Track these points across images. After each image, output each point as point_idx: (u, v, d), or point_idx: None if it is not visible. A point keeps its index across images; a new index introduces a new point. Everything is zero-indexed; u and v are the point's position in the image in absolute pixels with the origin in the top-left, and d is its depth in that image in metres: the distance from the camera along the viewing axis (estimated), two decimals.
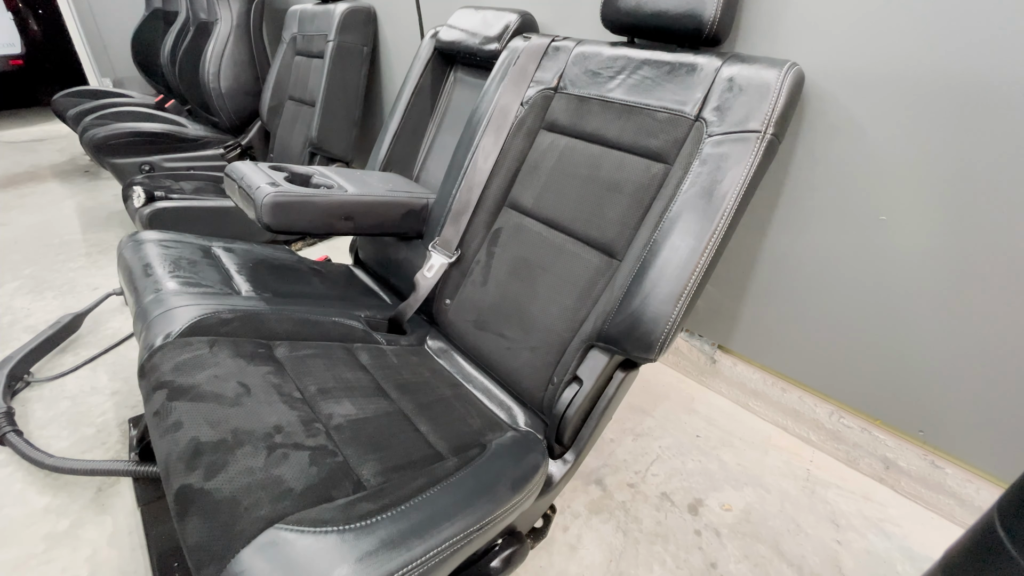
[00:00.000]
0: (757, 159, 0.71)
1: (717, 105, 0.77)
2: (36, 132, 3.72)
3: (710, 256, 0.71)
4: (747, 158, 0.72)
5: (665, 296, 0.72)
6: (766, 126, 0.72)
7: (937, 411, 0.96)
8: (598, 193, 0.86)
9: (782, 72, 0.73)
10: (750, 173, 0.71)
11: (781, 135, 0.74)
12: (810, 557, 0.91)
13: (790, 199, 1.02)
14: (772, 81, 0.73)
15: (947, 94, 0.79)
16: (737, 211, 0.72)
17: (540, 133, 0.98)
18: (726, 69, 0.77)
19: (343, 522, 0.45)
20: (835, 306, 1.02)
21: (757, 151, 0.71)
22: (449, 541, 0.49)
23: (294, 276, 1.08)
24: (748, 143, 0.72)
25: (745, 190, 0.71)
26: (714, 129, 0.76)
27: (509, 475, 0.63)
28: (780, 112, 0.72)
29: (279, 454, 0.55)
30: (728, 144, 0.74)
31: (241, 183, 0.93)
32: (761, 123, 0.72)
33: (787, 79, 0.73)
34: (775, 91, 0.72)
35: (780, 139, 0.74)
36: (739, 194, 0.71)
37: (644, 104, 0.85)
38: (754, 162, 0.71)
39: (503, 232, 0.96)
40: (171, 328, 0.74)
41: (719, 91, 0.77)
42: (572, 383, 0.79)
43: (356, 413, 0.68)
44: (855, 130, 0.90)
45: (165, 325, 0.75)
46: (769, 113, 0.72)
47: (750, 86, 0.74)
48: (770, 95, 0.72)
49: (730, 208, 0.71)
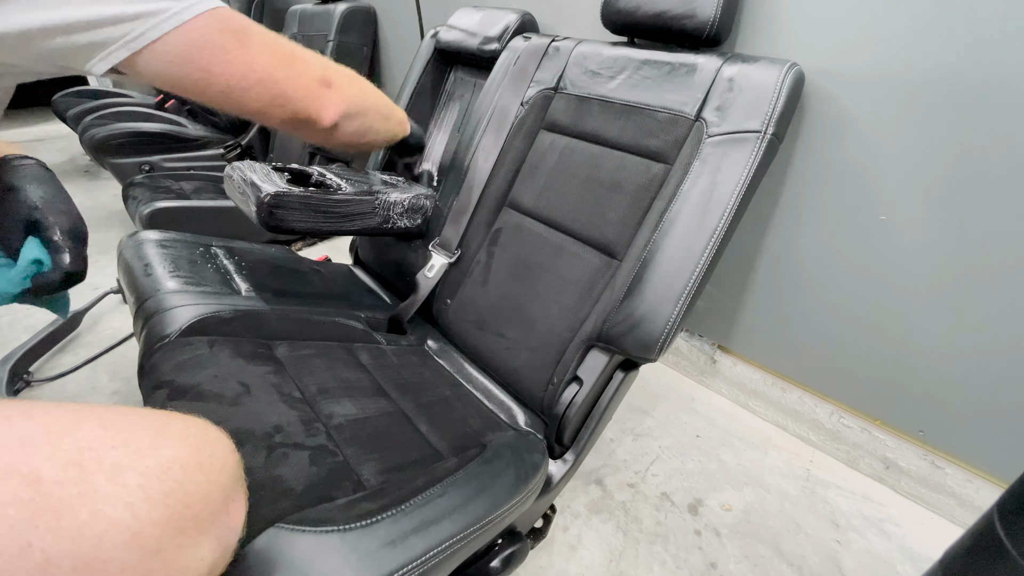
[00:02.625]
0: (757, 159, 0.71)
1: (717, 105, 0.76)
2: (36, 132, 3.72)
3: (710, 256, 0.71)
4: (747, 158, 0.71)
5: (665, 296, 0.72)
6: (766, 126, 0.72)
7: (937, 411, 0.96)
8: (598, 193, 0.86)
9: (782, 72, 0.73)
10: (750, 173, 0.71)
11: (781, 135, 0.74)
12: (810, 557, 0.91)
13: (790, 198, 1.02)
14: (772, 81, 0.73)
15: (949, 93, 0.79)
16: (737, 211, 0.72)
17: (540, 133, 0.98)
18: (726, 69, 0.77)
19: (344, 522, 0.45)
20: (835, 306, 1.02)
21: (757, 151, 0.71)
22: (449, 540, 0.49)
23: (294, 276, 1.08)
24: (748, 143, 0.72)
25: (745, 190, 0.71)
26: (714, 129, 0.76)
27: (509, 475, 0.63)
28: (780, 112, 0.72)
29: (279, 454, 0.55)
30: (728, 144, 0.73)
31: (241, 183, 0.93)
32: (761, 123, 0.72)
33: (787, 79, 0.73)
34: (775, 91, 0.72)
35: (780, 139, 0.74)
36: (739, 194, 0.71)
37: (644, 104, 0.85)
38: (754, 162, 0.71)
39: (503, 232, 0.96)
40: (171, 328, 0.74)
41: (719, 91, 0.77)
42: (572, 383, 0.79)
43: (356, 413, 0.68)
44: (856, 130, 0.90)
45: (165, 325, 0.75)
46: (769, 113, 0.72)
47: (750, 86, 0.74)
48: (770, 95, 0.72)
49: (730, 208, 0.71)
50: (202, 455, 0.38)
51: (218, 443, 0.41)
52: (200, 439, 0.39)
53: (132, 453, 0.35)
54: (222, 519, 0.38)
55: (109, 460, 0.34)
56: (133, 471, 0.34)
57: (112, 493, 0.33)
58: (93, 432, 0.36)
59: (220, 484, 0.38)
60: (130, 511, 0.33)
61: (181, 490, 0.35)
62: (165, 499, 0.34)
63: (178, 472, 0.36)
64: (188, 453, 0.37)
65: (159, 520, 0.33)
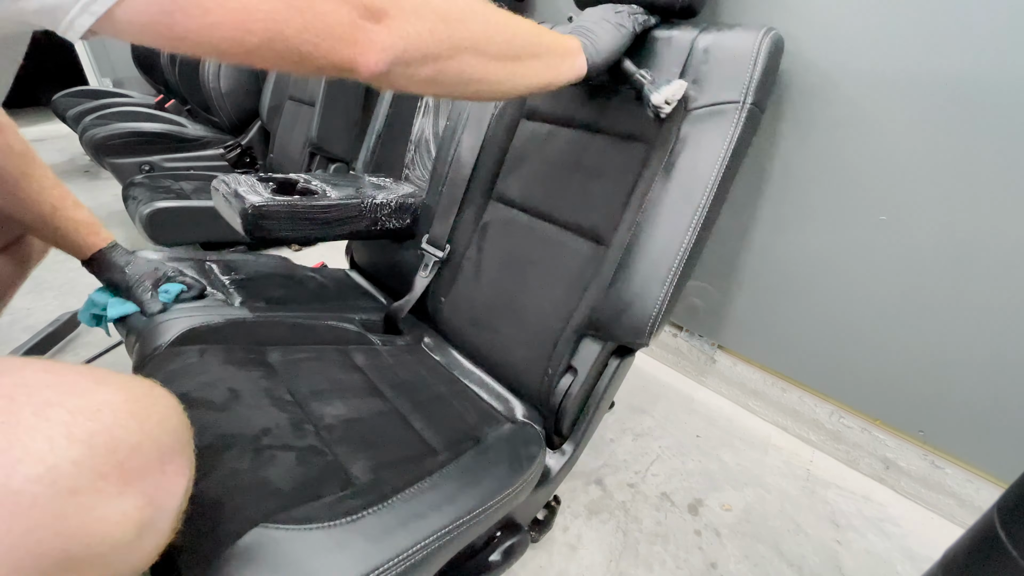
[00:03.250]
0: (737, 131, 0.68)
1: (694, 78, 0.73)
2: (36, 132, 3.74)
3: (694, 233, 0.69)
4: (727, 130, 0.69)
5: (652, 278, 0.70)
6: (745, 95, 0.69)
7: (937, 411, 0.95)
8: (581, 179, 0.84)
9: (759, 37, 0.69)
10: (731, 146, 0.68)
11: (763, 104, 0.71)
12: (810, 557, 0.91)
13: (790, 198, 1.01)
14: (748, 48, 0.69)
15: (950, 91, 0.78)
16: (720, 186, 0.69)
17: (521, 123, 0.96)
18: (701, 39, 0.74)
19: (329, 519, 0.45)
20: (835, 305, 1.02)
21: (737, 122, 0.69)
22: (438, 533, 0.49)
23: (288, 283, 1.08)
24: (727, 115, 0.69)
25: (728, 162, 0.68)
26: (692, 104, 0.73)
27: (501, 466, 0.62)
28: (759, 80, 0.69)
29: (266, 455, 0.55)
30: (707, 118, 0.71)
31: (226, 196, 0.93)
32: (740, 93, 0.69)
33: (764, 44, 0.69)
34: (752, 58, 0.69)
35: (762, 108, 0.71)
36: (721, 168, 0.68)
37: (620, 84, 0.81)
38: (735, 134, 0.68)
39: (491, 226, 0.95)
40: (162, 339, 0.74)
41: (695, 63, 0.74)
42: (567, 373, 0.78)
43: (348, 413, 0.68)
44: (856, 124, 0.89)
45: (156, 336, 0.75)
46: (747, 82, 0.69)
47: (725, 55, 0.71)
48: (747, 63, 0.69)
49: (712, 183, 0.68)
50: (138, 405, 0.37)
51: (161, 399, 0.40)
52: (140, 391, 0.39)
53: (64, 392, 0.35)
54: (154, 476, 0.37)
55: (40, 397, 0.34)
56: (61, 407, 0.34)
57: (34, 425, 0.32)
58: (35, 374, 0.36)
59: (154, 438, 0.37)
60: (48, 444, 0.32)
61: (107, 433, 0.34)
62: (88, 439, 0.33)
63: (107, 416, 0.35)
64: (122, 400, 0.37)
65: (78, 458, 0.33)
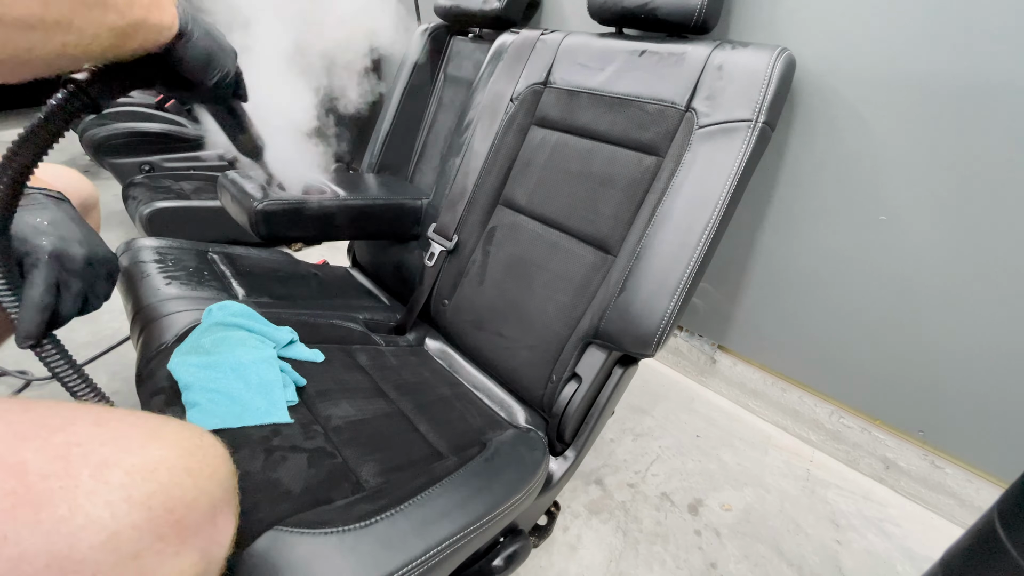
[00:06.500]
0: (749, 148, 0.70)
1: (707, 94, 0.75)
2: None
3: (704, 248, 0.70)
4: (739, 147, 0.70)
5: (660, 291, 0.71)
6: (757, 114, 0.70)
7: (937, 411, 0.96)
8: (591, 188, 0.85)
9: (772, 57, 0.71)
10: (742, 164, 0.70)
11: (773, 122, 0.73)
12: (810, 557, 0.91)
13: (789, 198, 1.02)
14: (762, 67, 0.71)
15: (950, 87, 0.79)
16: (730, 204, 0.70)
17: (531, 129, 0.97)
18: (715, 56, 0.76)
19: (343, 523, 0.45)
20: (835, 306, 1.02)
21: (749, 140, 0.70)
22: (449, 540, 0.49)
23: (292, 279, 1.08)
24: (739, 132, 0.71)
25: (738, 180, 0.70)
26: (705, 119, 0.74)
27: (509, 473, 0.63)
28: (771, 99, 0.70)
29: (277, 457, 0.55)
30: (719, 134, 0.72)
31: (234, 193, 0.93)
32: (752, 111, 0.70)
33: (778, 64, 0.71)
34: (765, 77, 0.70)
35: (772, 127, 0.73)
36: (731, 186, 0.70)
37: (634, 96, 0.83)
38: (746, 151, 0.70)
39: (498, 231, 0.96)
40: (168, 334, 0.74)
41: (709, 80, 0.75)
42: (571, 380, 0.78)
43: (355, 414, 0.68)
44: (855, 125, 0.89)
45: (162, 331, 0.75)
46: (760, 100, 0.70)
47: (739, 73, 0.73)
48: (760, 82, 0.71)
49: (723, 201, 0.70)
50: (192, 460, 0.37)
51: (211, 450, 0.40)
52: (192, 444, 0.38)
53: (120, 451, 0.34)
54: (207, 530, 0.37)
55: (96, 456, 0.33)
56: (118, 468, 0.33)
57: (93, 489, 0.32)
58: (86, 429, 0.35)
59: (208, 492, 0.37)
60: (109, 510, 0.31)
61: (165, 493, 0.34)
62: (147, 500, 0.33)
63: (164, 474, 0.35)
64: (177, 456, 0.36)
65: (139, 522, 0.32)
